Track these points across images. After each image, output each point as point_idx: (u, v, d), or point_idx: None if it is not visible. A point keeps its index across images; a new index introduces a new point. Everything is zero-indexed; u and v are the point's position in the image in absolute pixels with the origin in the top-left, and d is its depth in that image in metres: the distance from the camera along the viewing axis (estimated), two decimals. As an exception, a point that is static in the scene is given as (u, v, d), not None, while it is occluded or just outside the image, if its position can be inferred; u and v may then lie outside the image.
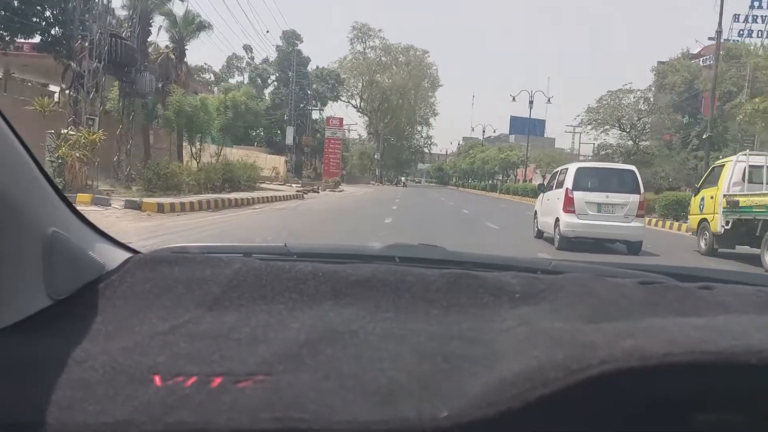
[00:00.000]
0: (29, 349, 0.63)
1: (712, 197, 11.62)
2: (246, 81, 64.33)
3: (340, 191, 37.63)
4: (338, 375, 0.57)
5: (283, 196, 23.67)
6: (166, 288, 0.76)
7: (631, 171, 11.23)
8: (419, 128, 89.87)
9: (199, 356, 0.61)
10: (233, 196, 18.95)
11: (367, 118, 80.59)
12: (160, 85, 21.51)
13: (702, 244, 11.92)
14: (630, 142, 32.42)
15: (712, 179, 12.11)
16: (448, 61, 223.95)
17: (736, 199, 10.68)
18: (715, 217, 11.19)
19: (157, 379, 0.57)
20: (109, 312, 0.72)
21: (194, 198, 16.40)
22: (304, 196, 26.26)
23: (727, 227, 10.81)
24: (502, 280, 0.80)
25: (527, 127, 59.91)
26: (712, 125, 24.63)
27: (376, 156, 77.46)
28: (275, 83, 63.14)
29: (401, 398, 0.54)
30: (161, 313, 0.71)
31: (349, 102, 78.93)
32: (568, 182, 10.78)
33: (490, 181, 64.00)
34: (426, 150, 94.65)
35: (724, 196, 10.99)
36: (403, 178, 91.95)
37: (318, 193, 31.46)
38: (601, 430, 0.53)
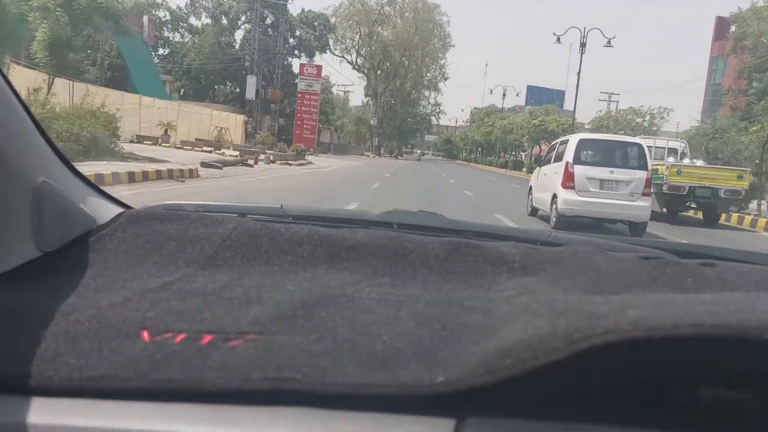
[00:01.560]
0: (15, 299, 0.62)
1: None
2: (210, 22, 51.88)
3: (301, 165, 25.58)
4: (333, 338, 0.56)
5: (150, 172, 11.90)
6: (158, 245, 0.75)
7: (638, 145, 10.21)
8: (426, 93, 77.82)
9: (189, 314, 0.60)
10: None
11: (365, 78, 68.26)
12: None
13: None
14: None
15: None
16: (460, 19, 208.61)
17: None
18: None
19: (145, 335, 0.56)
20: (99, 266, 0.71)
21: None
22: (198, 173, 14.20)
23: None
24: (502, 250, 0.79)
25: (546, 97, 48.38)
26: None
27: (372, 122, 65.08)
28: (247, 25, 50.70)
29: (398, 363, 0.52)
30: (152, 270, 0.71)
31: (343, 57, 66.54)
32: (569, 155, 9.73)
33: (514, 155, 50.99)
34: (434, 118, 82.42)
35: None
36: (418, 151, 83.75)
37: (252, 167, 19.44)
38: (602, 401, 0.51)
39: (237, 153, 22.73)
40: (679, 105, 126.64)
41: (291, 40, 54.32)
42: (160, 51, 52.86)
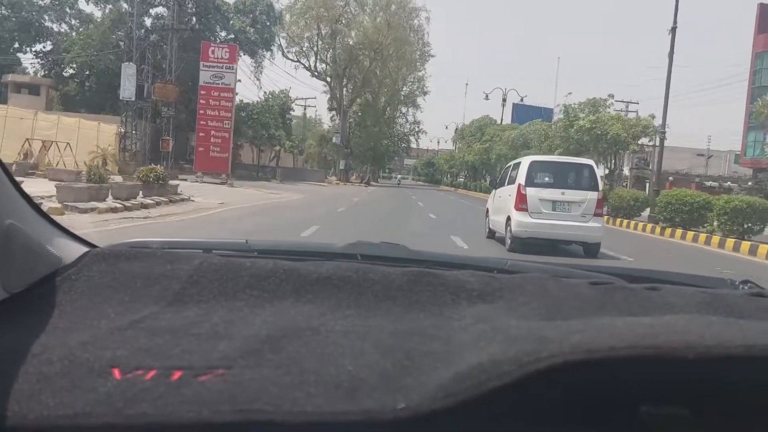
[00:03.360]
0: None
1: None
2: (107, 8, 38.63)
3: (134, 210, 12.08)
4: (300, 370, 0.58)
5: None
6: (125, 283, 0.77)
7: (589, 166, 10.55)
8: (404, 110, 65.30)
9: (158, 350, 0.61)
10: None
11: (329, 89, 55.48)
12: None
13: None
14: None
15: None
16: (438, 33, 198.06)
17: None
18: None
19: (116, 372, 0.57)
20: (67, 305, 0.72)
21: None
22: None
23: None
24: (461, 279, 0.83)
25: (533, 115, 36.91)
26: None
27: (334, 139, 51.97)
28: (158, 9, 37.64)
29: (363, 392, 0.55)
30: (120, 308, 0.72)
31: (299, 61, 53.58)
32: (521, 177, 10.07)
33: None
34: (413, 138, 69.85)
35: None
36: (398, 176, 77.10)
37: None
38: (554, 419, 0.56)
39: None
40: (714, 114, 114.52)
41: (223, 33, 41.40)
42: (38, 46, 39.75)
